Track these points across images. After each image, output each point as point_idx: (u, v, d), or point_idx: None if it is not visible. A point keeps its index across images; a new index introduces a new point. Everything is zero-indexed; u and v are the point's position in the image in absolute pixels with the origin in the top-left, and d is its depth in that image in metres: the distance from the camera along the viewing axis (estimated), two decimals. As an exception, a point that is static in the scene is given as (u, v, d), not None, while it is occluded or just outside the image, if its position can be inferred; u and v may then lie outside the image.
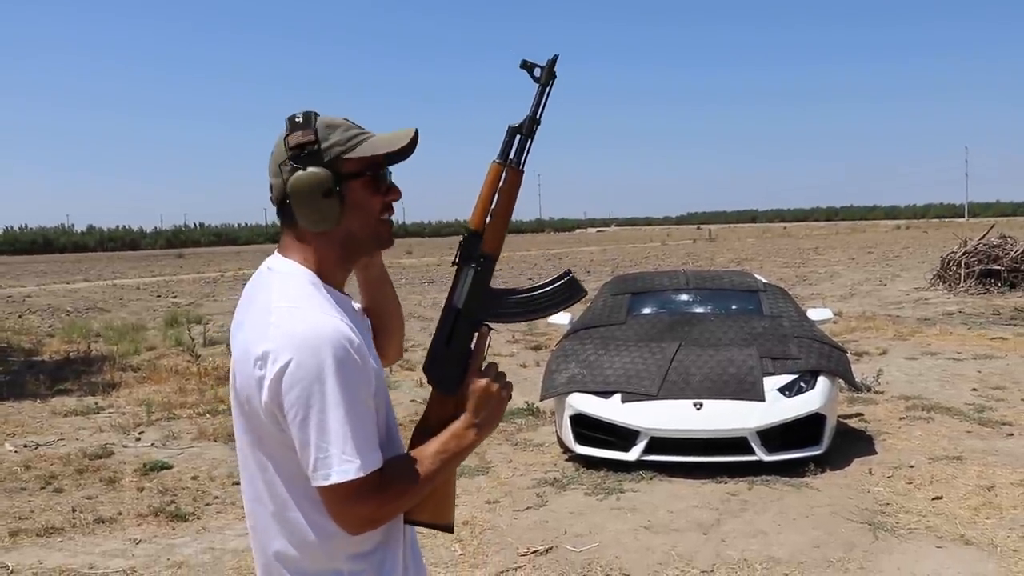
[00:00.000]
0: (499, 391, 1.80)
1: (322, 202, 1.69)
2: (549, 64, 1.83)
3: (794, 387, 6.67)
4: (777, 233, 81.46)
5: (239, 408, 1.72)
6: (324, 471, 1.58)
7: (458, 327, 1.83)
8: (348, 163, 1.72)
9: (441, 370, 1.83)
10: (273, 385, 1.59)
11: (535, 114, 1.83)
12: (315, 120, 1.72)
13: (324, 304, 1.66)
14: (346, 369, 1.58)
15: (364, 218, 1.76)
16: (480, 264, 1.83)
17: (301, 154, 1.69)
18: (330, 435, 1.57)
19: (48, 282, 33.69)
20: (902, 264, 29.96)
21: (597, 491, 6.21)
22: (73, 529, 5.76)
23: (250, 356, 1.64)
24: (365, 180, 1.74)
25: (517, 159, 1.83)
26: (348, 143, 1.72)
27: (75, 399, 10.03)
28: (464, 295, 1.83)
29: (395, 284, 2.05)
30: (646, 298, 8.51)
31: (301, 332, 1.59)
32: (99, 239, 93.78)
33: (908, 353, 11.57)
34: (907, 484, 6.14)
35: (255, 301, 1.73)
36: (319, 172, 1.68)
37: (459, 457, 1.76)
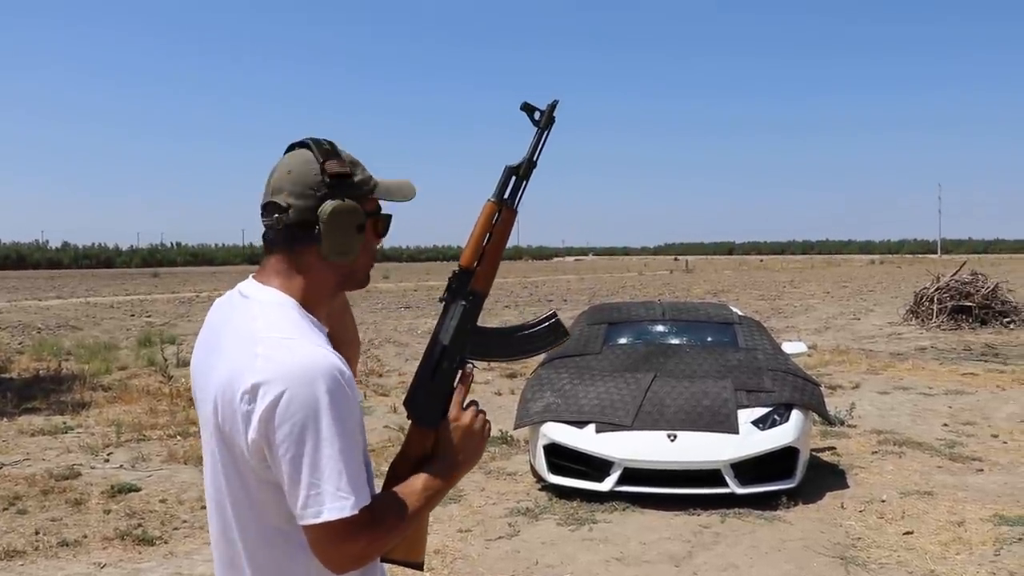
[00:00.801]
0: (481, 428, 1.79)
1: (353, 235, 1.69)
2: (549, 109, 1.85)
3: (768, 420, 6.69)
4: (753, 265, 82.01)
5: (220, 441, 1.65)
6: (315, 508, 1.52)
7: (443, 363, 1.81)
8: (370, 202, 1.74)
9: (423, 405, 1.81)
10: (264, 419, 1.53)
11: (532, 156, 1.85)
12: (339, 153, 1.72)
13: (314, 335, 1.63)
14: (340, 403, 1.54)
15: (367, 256, 1.77)
16: (469, 301, 1.83)
17: (340, 183, 1.68)
18: (323, 471, 1.52)
19: (20, 298, 33.34)
20: (876, 299, 30.21)
21: (569, 521, 6.18)
22: (36, 552, 5.66)
23: (235, 389, 1.57)
24: (376, 221, 1.76)
25: (511, 199, 1.84)
26: (369, 183, 1.73)
27: (43, 418, 9.90)
28: (451, 331, 1.82)
29: (371, 309, 2.05)
30: (622, 328, 8.52)
31: (294, 364, 1.54)
32: (74, 256, 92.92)
33: (881, 387, 11.65)
34: (878, 518, 6.15)
35: (235, 329, 1.66)
36: (355, 206, 1.68)
37: (441, 494, 1.74)
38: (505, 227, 1.84)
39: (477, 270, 1.83)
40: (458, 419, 1.77)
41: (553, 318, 1.96)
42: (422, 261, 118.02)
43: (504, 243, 1.85)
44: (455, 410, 1.78)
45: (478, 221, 1.82)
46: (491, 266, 1.84)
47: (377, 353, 15.73)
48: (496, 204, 1.83)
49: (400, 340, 17.93)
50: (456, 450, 1.75)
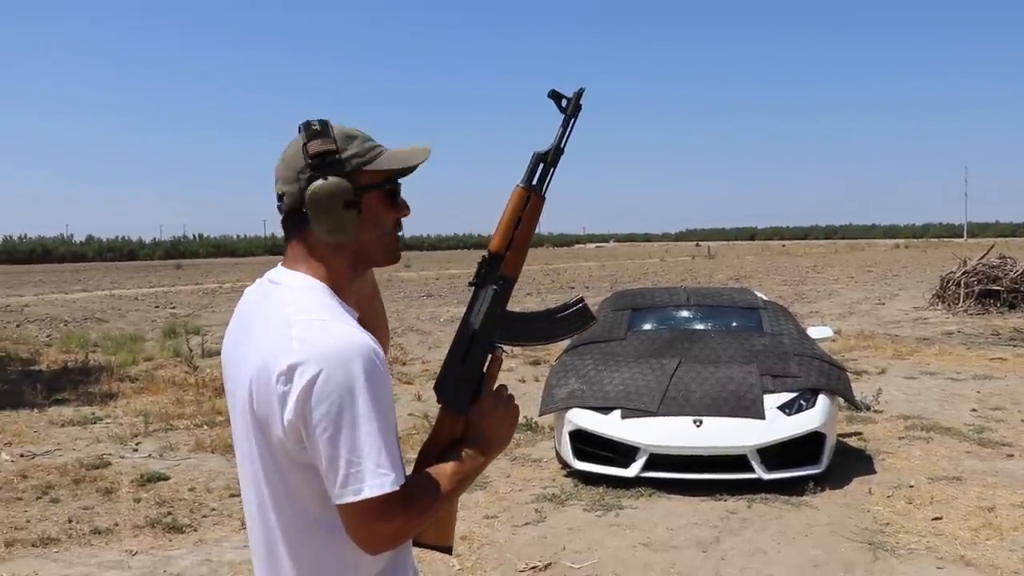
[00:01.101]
0: (509, 412, 1.79)
1: (342, 212, 1.66)
2: (576, 96, 1.84)
3: (794, 405, 6.66)
4: (776, 251, 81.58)
5: (255, 427, 1.65)
6: (356, 485, 1.52)
7: (473, 348, 1.81)
8: (366, 175, 1.70)
9: (453, 390, 1.81)
10: (301, 399, 1.53)
11: (559, 144, 1.85)
12: (332, 129, 1.70)
13: (346, 316, 1.64)
14: (375, 382, 1.55)
15: (377, 231, 1.74)
16: (499, 286, 1.83)
17: (322, 162, 1.67)
18: (363, 449, 1.53)
19: (46, 292, 33.63)
20: (901, 283, 29.99)
21: (596, 507, 6.19)
22: (69, 540, 5.73)
23: (271, 372, 1.57)
24: (381, 193, 1.73)
25: (539, 185, 1.84)
26: (367, 155, 1.70)
27: (72, 409, 10.01)
28: (481, 316, 1.82)
29: (394, 298, 2.06)
30: (647, 314, 8.50)
31: (329, 344, 1.55)
32: (98, 249, 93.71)
33: (907, 372, 11.57)
34: (907, 504, 6.12)
35: (265, 316, 1.67)
36: (340, 181, 1.66)
37: (471, 478, 1.74)
38: (534, 213, 1.84)
39: (507, 255, 1.82)
40: (487, 403, 1.78)
41: (580, 303, 1.96)
42: (443, 250, 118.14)
43: (533, 229, 1.85)
44: (485, 395, 1.79)
45: (507, 207, 1.82)
46: (521, 252, 1.84)
47: (400, 341, 15.78)
48: (525, 190, 1.83)
49: (423, 328, 17.98)
50: (486, 434, 1.76)
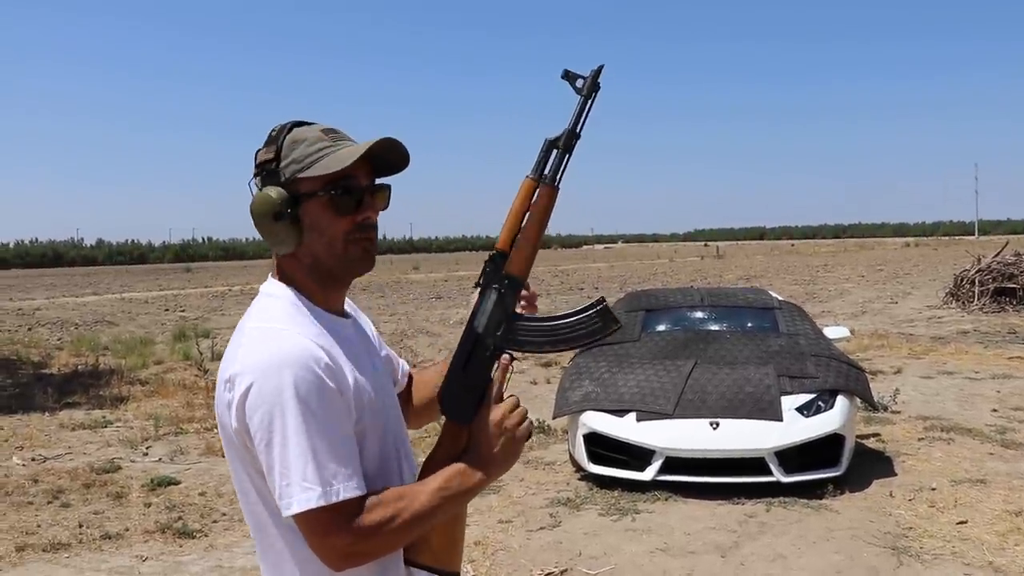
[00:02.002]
0: (515, 427, 1.65)
1: (274, 225, 1.60)
2: (593, 75, 1.70)
3: (812, 406, 6.56)
4: (785, 250, 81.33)
5: (222, 433, 1.65)
6: (287, 500, 1.49)
7: (476, 354, 1.69)
8: (304, 183, 1.61)
9: (455, 399, 1.70)
10: (238, 409, 1.52)
11: (575, 127, 1.71)
12: (285, 135, 1.63)
13: (300, 325, 1.58)
14: (310, 392, 1.49)
15: (325, 241, 1.63)
16: (504, 287, 1.70)
17: (262, 173, 1.63)
18: (291, 462, 1.48)
19: (57, 295, 33.74)
20: (913, 282, 29.79)
21: (612, 511, 6.10)
22: (80, 545, 5.68)
23: (222, 379, 1.57)
24: (322, 200, 1.61)
25: (553, 175, 1.70)
26: (305, 160, 1.61)
27: (83, 412, 9.97)
28: (485, 320, 1.70)
29: (403, 300, 1.97)
30: (660, 315, 8.41)
31: (264, 355, 1.51)
32: (108, 253, 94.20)
33: (923, 372, 11.44)
34: (930, 507, 6.00)
35: (240, 324, 1.66)
36: (270, 194, 1.59)
37: (463, 496, 1.63)
38: (544, 206, 1.71)
39: (512, 253, 1.71)
40: (491, 416, 1.65)
41: (601, 304, 1.79)
42: (452, 251, 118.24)
43: (543, 223, 1.72)
44: (488, 405, 1.66)
45: (515, 200, 1.71)
46: (528, 248, 1.71)
47: (410, 344, 15.71)
48: (534, 181, 1.70)
49: (432, 330, 17.91)
50: (486, 450, 1.63)
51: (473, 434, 1.65)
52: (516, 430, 1.65)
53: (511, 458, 1.66)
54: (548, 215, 1.72)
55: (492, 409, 1.65)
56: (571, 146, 1.71)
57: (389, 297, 27.24)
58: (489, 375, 1.69)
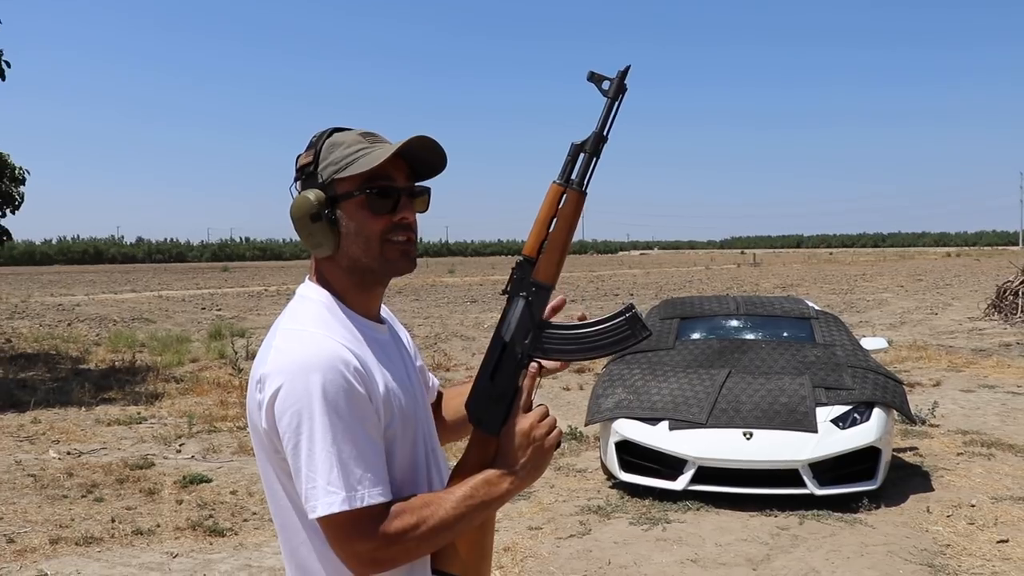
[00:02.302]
0: (544, 436, 1.62)
1: (312, 227, 1.61)
2: (619, 76, 1.67)
3: (848, 418, 6.46)
4: (823, 259, 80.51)
5: (252, 433, 1.65)
6: (312, 503, 1.49)
7: (504, 362, 1.67)
8: (341, 184, 1.61)
9: (483, 408, 1.67)
10: (268, 410, 1.52)
11: (602, 130, 1.67)
12: (324, 139, 1.64)
13: (332, 328, 1.58)
14: (338, 395, 1.49)
15: (363, 242, 1.63)
16: (532, 294, 1.67)
17: (301, 176, 1.65)
18: (317, 464, 1.47)
19: (97, 292, 34.23)
20: (954, 292, 29.32)
21: (642, 520, 6.04)
22: (112, 539, 5.73)
23: (253, 380, 1.58)
24: (359, 200, 1.62)
25: (580, 180, 1.67)
26: (342, 162, 1.61)
27: (119, 408, 10.08)
28: (512, 327, 1.67)
29: (437, 303, 1.95)
30: (695, 323, 8.33)
31: (294, 356, 1.52)
32: (147, 251, 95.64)
33: (964, 385, 11.24)
34: (968, 524, 5.88)
35: (274, 325, 1.67)
36: (308, 196, 1.61)
37: (489, 506, 1.60)
38: (572, 211, 1.67)
39: (540, 259, 1.67)
40: (520, 425, 1.62)
41: (630, 311, 1.75)
42: (487, 255, 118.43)
43: (571, 229, 1.69)
44: (517, 415, 1.64)
45: (542, 205, 1.68)
46: (556, 254, 1.68)
47: (444, 347, 15.72)
48: (561, 186, 1.67)
49: (466, 334, 17.91)
50: (513, 460, 1.61)
51: (501, 443, 1.63)
52: (545, 440, 1.62)
53: (539, 468, 1.63)
54: (576, 220, 1.70)
55: (521, 418, 1.63)
56: (598, 150, 1.68)
57: (424, 300, 27.32)
58: (517, 383, 1.66)
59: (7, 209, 13.57)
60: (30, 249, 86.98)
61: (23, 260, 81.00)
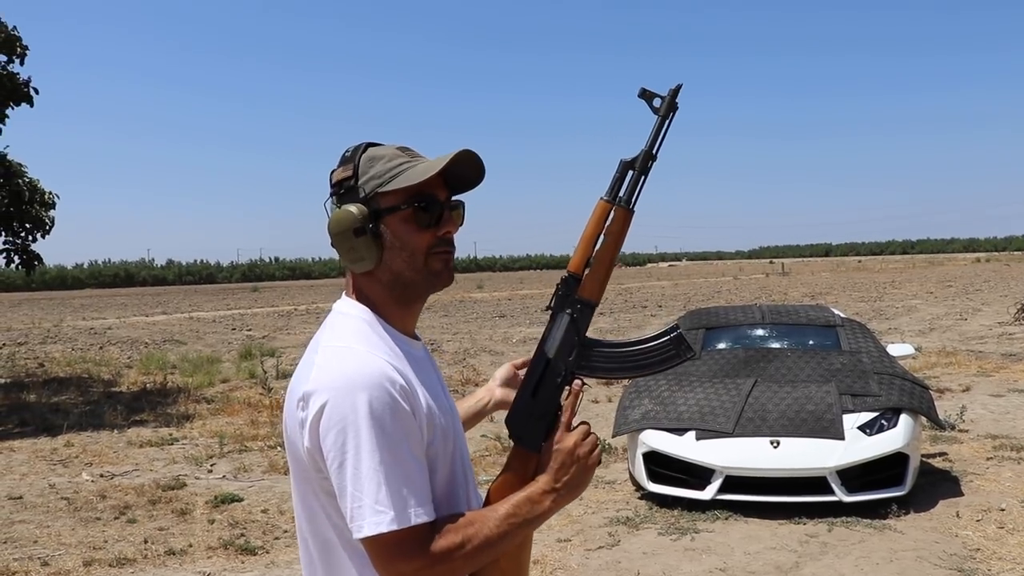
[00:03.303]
0: (587, 455, 1.61)
1: (355, 241, 1.59)
2: (671, 94, 1.69)
3: (875, 425, 6.45)
4: (851, 267, 79.88)
5: (289, 452, 1.63)
6: (358, 522, 1.46)
7: (546, 379, 1.67)
8: (385, 197, 1.60)
9: (524, 424, 1.67)
10: (312, 428, 1.50)
11: (651, 148, 1.69)
12: (360, 153, 1.63)
13: (375, 344, 1.56)
14: (384, 413, 1.47)
15: (406, 255, 1.62)
16: (577, 311, 1.67)
17: (339, 191, 1.62)
18: (364, 483, 1.45)
19: (128, 315, 34.59)
20: (983, 298, 29.01)
21: (671, 531, 6.05)
22: (145, 560, 5.80)
23: (294, 397, 1.56)
24: (404, 214, 1.61)
25: (628, 197, 1.68)
26: (386, 175, 1.60)
27: (150, 430, 10.20)
28: (556, 344, 1.67)
29: (466, 318, 1.99)
30: (721, 333, 8.33)
31: (339, 374, 1.50)
32: (178, 273, 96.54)
33: (993, 390, 11.14)
34: (998, 529, 5.84)
35: (313, 342, 1.65)
36: (351, 210, 1.59)
37: (532, 524, 1.59)
38: (619, 229, 1.69)
39: (586, 276, 1.68)
40: (561, 442, 1.61)
41: (675, 331, 1.76)
42: (516, 270, 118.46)
43: (618, 247, 1.69)
44: (559, 432, 1.63)
45: (589, 222, 1.69)
46: (602, 272, 1.69)
47: (473, 362, 15.76)
48: (609, 203, 1.68)
49: (495, 349, 17.94)
50: (555, 478, 1.59)
51: (543, 461, 1.62)
52: (588, 459, 1.62)
53: (581, 486, 1.63)
54: (623, 238, 1.70)
55: (565, 436, 1.62)
56: (647, 168, 1.69)
57: (453, 316, 27.38)
58: (559, 401, 1.66)
59: (38, 234, 13.80)
60: (62, 273, 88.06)
61: (55, 285, 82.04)
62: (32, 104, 13.02)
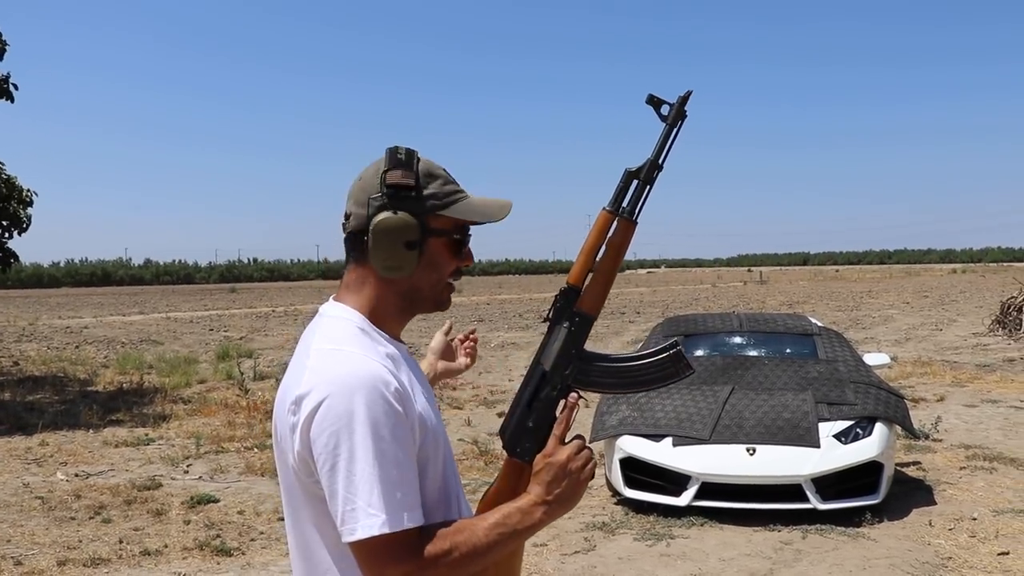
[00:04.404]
0: (580, 469, 1.58)
1: (401, 251, 1.58)
2: (680, 101, 1.66)
3: (850, 433, 6.51)
4: (829, 276, 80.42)
5: (278, 456, 1.63)
6: (350, 525, 1.45)
7: (542, 391, 1.65)
8: (437, 219, 1.61)
9: (518, 436, 1.66)
10: (304, 431, 1.49)
11: (658, 158, 1.66)
12: (417, 163, 1.61)
13: (368, 348, 1.56)
14: (378, 415, 1.46)
15: (435, 277, 1.65)
16: (575, 323, 1.65)
17: (396, 195, 1.59)
18: (357, 486, 1.44)
19: (105, 314, 34.36)
20: (959, 309, 29.28)
21: (647, 536, 6.08)
22: (119, 560, 5.77)
23: (286, 400, 1.55)
24: (448, 241, 1.64)
25: (631, 208, 1.65)
26: (444, 199, 1.62)
27: (126, 430, 10.13)
28: (553, 356, 1.64)
29: (442, 322, 1.98)
30: (699, 340, 8.38)
31: (332, 375, 1.49)
32: (155, 273, 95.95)
33: (967, 400, 11.25)
34: (970, 537, 5.91)
35: (301, 347, 1.64)
36: (408, 220, 1.58)
37: (521, 535, 1.56)
38: (621, 240, 1.66)
39: (585, 288, 1.66)
40: (555, 455, 1.58)
41: (675, 348, 1.75)
42: (495, 275, 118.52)
43: (619, 259, 1.66)
44: (552, 444, 1.60)
45: (590, 232, 1.66)
46: (602, 285, 1.66)
47: (450, 366, 15.72)
48: (611, 214, 1.65)
49: (472, 353, 17.93)
50: (548, 490, 1.57)
51: (536, 473, 1.60)
52: (581, 473, 1.59)
53: (573, 500, 1.60)
54: (624, 250, 1.68)
55: (558, 450, 1.59)
56: (652, 178, 1.66)
57: (431, 319, 27.25)
58: (554, 414, 1.64)
59: (15, 231, 13.67)
60: (38, 272, 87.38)
61: (31, 283, 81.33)
62: (12, 100, 12.92)
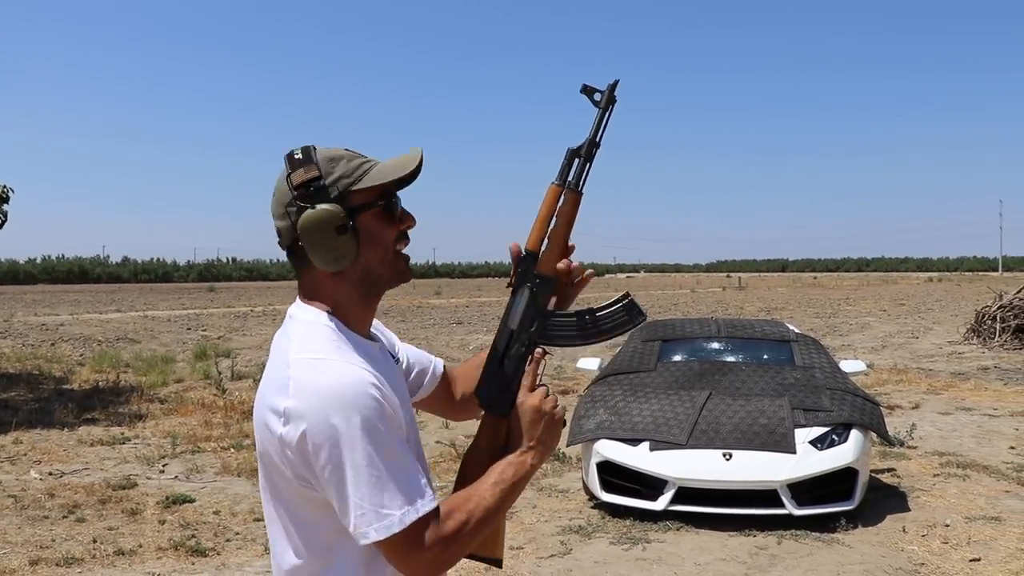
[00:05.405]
0: (552, 410, 1.71)
1: (336, 239, 1.60)
2: (610, 88, 1.82)
3: (826, 440, 6.55)
4: (807, 283, 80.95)
5: (260, 462, 1.66)
6: (364, 529, 1.50)
7: (511, 350, 1.78)
8: (357, 195, 1.63)
9: (493, 392, 1.77)
10: (299, 444, 1.51)
11: (594, 137, 1.82)
12: (315, 154, 1.64)
13: (347, 353, 1.59)
14: (373, 421, 1.51)
15: (380, 251, 1.68)
16: (536, 285, 1.79)
17: (307, 191, 1.61)
18: (364, 492, 1.49)
19: (81, 312, 34.10)
20: (935, 317, 29.57)
21: (623, 540, 6.09)
22: (93, 560, 5.73)
23: (270, 412, 1.57)
24: (377, 211, 1.66)
25: (576, 181, 1.80)
26: (354, 173, 1.64)
27: (102, 429, 10.06)
28: (518, 316, 1.78)
29: (423, 324, 2.02)
30: (677, 345, 8.40)
31: (324, 387, 1.51)
32: (133, 271, 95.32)
33: (942, 408, 11.36)
34: (943, 544, 5.97)
35: (275, 353, 1.66)
36: (329, 208, 1.60)
37: (518, 486, 1.67)
38: (570, 209, 1.80)
39: (542, 254, 1.79)
40: (528, 402, 1.71)
41: (627, 299, 1.89)
42: (474, 277, 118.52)
43: (570, 226, 1.81)
44: (522, 393, 1.73)
45: (542, 205, 1.79)
46: (557, 249, 1.80)
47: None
48: (559, 187, 1.79)
49: (452, 356, 17.93)
50: (529, 435, 1.69)
51: (514, 424, 1.71)
52: (553, 413, 1.71)
53: (554, 440, 1.72)
54: (573, 217, 1.81)
55: (529, 396, 1.72)
56: (592, 154, 1.82)
57: (410, 321, 27.31)
58: (524, 369, 1.77)
59: (-9, 228, 13.55)
60: (13, 268, 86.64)
61: (6, 279, 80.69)
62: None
